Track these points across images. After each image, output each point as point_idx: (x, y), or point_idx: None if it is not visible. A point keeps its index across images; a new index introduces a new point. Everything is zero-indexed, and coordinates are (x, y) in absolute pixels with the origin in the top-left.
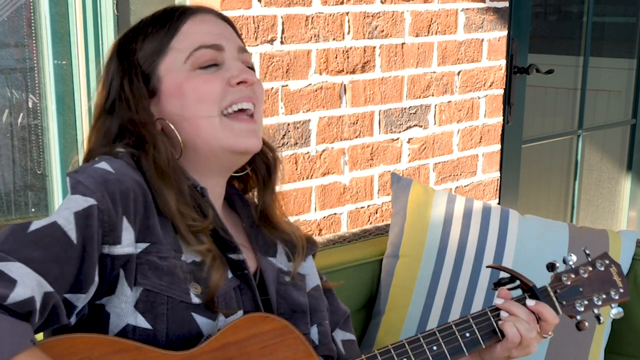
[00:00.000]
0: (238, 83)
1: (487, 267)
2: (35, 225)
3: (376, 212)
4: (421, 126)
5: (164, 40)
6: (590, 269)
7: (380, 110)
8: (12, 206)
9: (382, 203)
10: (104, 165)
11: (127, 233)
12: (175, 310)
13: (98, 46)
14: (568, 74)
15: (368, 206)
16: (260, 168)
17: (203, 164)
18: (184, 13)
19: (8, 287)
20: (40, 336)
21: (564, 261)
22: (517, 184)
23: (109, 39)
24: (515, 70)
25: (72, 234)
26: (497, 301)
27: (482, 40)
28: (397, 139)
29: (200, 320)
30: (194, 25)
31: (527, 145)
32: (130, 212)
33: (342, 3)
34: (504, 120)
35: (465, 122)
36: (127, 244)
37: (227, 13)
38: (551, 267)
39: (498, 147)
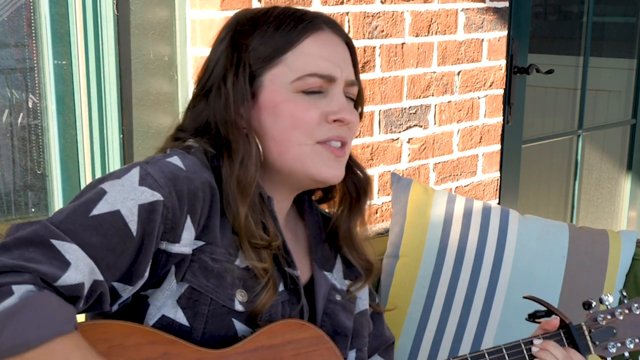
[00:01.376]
0: (334, 120)
1: (524, 297)
2: (98, 210)
3: (376, 212)
4: (421, 126)
5: (279, 50)
6: (627, 311)
7: (380, 110)
8: (12, 206)
9: (382, 203)
10: (175, 160)
11: (188, 232)
12: (216, 313)
13: (98, 46)
14: (568, 74)
15: (368, 206)
16: (350, 188)
17: (277, 180)
18: (307, 27)
19: (61, 267)
20: (81, 317)
21: (601, 301)
22: (517, 184)
23: (109, 39)
24: (515, 70)
25: (133, 226)
26: (535, 341)
27: (482, 40)
28: (397, 139)
29: (240, 327)
30: (314, 45)
31: (527, 145)
32: (197, 212)
33: (342, 3)
34: (504, 120)
35: (465, 122)
36: (186, 244)
37: (227, 13)
38: (587, 305)
39: (498, 147)
